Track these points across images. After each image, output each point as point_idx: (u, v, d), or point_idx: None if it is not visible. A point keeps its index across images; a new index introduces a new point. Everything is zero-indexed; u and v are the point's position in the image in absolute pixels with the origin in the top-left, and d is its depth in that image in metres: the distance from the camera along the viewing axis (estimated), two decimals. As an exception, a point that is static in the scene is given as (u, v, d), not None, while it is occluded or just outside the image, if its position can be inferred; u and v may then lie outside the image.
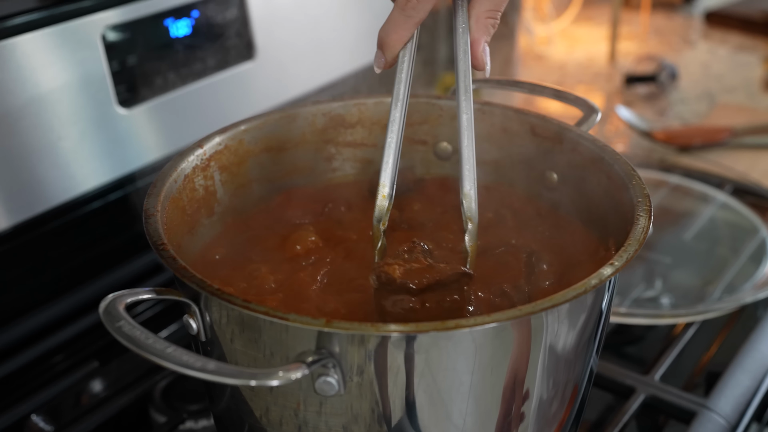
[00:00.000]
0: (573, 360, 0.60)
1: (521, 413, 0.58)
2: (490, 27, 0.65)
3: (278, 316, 0.49)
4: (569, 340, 0.58)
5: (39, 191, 0.91)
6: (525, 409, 0.58)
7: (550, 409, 0.60)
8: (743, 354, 0.91)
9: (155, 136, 1.02)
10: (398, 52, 0.65)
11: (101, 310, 0.51)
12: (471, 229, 0.64)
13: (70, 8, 0.91)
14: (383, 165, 0.66)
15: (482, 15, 0.65)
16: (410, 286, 0.58)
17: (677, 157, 1.38)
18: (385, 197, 0.66)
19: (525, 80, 0.82)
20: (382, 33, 0.65)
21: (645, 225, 0.59)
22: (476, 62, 0.66)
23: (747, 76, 1.76)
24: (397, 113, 0.66)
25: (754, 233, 1.13)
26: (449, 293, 0.59)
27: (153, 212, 0.61)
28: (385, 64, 0.66)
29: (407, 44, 0.65)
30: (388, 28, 0.64)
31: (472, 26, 0.65)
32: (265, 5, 1.12)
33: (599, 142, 0.71)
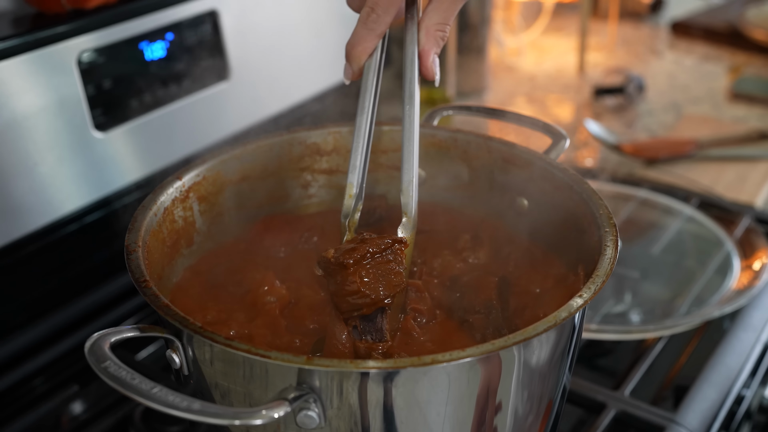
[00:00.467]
0: (546, 383, 0.62)
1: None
2: (440, 39, 0.69)
3: (260, 354, 0.51)
4: (542, 367, 0.60)
5: (16, 217, 0.92)
6: (500, 430, 0.60)
7: (525, 426, 0.62)
8: (710, 368, 0.94)
9: (131, 158, 1.03)
10: (363, 63, 0.69)
11: (86, 350, 0.52)
12: (405, 222, 0.68)
13: (46, 34, 0.92)
14: (350, 167, 0.71)
15: (431, 27, 0.68)
16: (344, 261, 0.60)
17: (645, 170, 1.41)
18: (351, 197, 0.71)
19: (494, 106, 0.84)
20: (348, 46, 0.69)
21: (612, 256, 0.61)
22: (425, 71, 0.69)
23: (712, 87, 1.80)
24: (362, 120, 0.71)
25: (720, 246, 1.16)
26: (385, 261, 0.62)
27: (134, 248, 0.62)
28: (353, 75, 0.70)
29: (372, 55, 0.70)
30: (353, 41, 0.69)
31: (422, 38, 0.69)
32: (239, 27, 1.13)
33: (568, 171, 0.74)
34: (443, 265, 0.74)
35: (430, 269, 0.74)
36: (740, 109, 1.68)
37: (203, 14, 1.08)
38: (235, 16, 1.13)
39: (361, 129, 0.71)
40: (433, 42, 0.69)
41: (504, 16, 2.00)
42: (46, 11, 0.96)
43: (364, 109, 0.71)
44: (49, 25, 0.93)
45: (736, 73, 1.85)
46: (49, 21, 0.94)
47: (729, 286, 1.07)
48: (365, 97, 0.71)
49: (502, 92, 1.79)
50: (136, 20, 1.01)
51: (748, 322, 1.02)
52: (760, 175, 1.39)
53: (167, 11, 1.04)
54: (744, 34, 1.98)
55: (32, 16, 0.97)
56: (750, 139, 1.50)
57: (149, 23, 1.02)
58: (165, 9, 1.04)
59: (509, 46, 2.00)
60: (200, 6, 1.08)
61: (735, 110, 1.68)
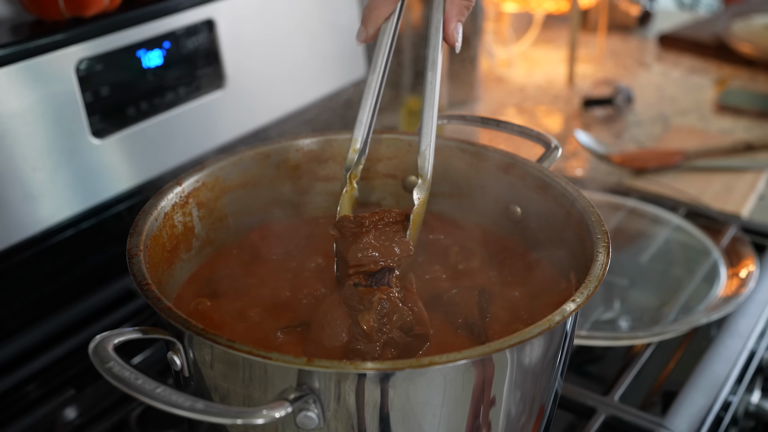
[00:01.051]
0: (539, 386, 0.63)
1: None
2: (464, 8, 0.72)
3: (261, 355, 0.52)
4: (535, 371, 0.61)
5: (13, 222, 0.92)
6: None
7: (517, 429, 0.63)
8: (697, 373, 0.95)
9: (128, 165, 1.04)
10: (379, 26, 0.73)
11: (90, 351, 0.53)
12: (420, 184, 0.72)
13: (44, 42, 0.93)
14: (356, 123, 0.75)
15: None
16: (362, 220, 0.66)
17: (633, 180, 1.43)
18: (355, 151, 0.75)
19: (487, 116, 0.85)
20: (365, 10, 0.73)
21: (604, 261, 0.63)
22: (447, 37, 0.73)
23: (699, 99, 1.82)
24: (373, 78, 0.75)
25: (707, 255, 1.18)
26: (396, 231, 0.68)
27: (136, 252, 0.63)
28: (366, 37, 0.74)
29: (388, 19, 0.73)
30: (370, 5, 0.73)
31: (447, 6, 0.72)
32: (235, 35, 1.15)
33: (560, 179, 0.75)
34: (430, 281, 0.76)
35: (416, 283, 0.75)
36: (727, 121, 1.71)
37: (200, 23, 1.10)
38: (231, 26, 1.14)
39: (371, 87, 0.75)
40: (457, 10, 0.72)
41: (495, 27, 2.03)
42: (45, 19, 0.97)
43: (376, 68, 0.75)
44: (48, 33, 0.94)
45: (723, 85, 1.88)
46: (48, 28, 0.95)
47: (716, 294, 1.09)
48: (378, 58, 0.74)
49: (493, 103, 1.81)
50: (134, 29, 1.02)
51: (735, 330, 1.03)
52: (746, 185, 1.41)
53: (164, 20, 1.05)
54: (730, 47, 2.01)
55: (31, 24, 0.98)
56: (736, 151, 1.52)
57: (147, 32, 1.03)
58: (162, 18, 1.05)
59: (500, 58, 2.02)
60: (197, 15, 1.09)
61: (721, 122, 1.70)
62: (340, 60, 1.34)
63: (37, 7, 0.96)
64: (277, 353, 0.52)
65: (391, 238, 0.67)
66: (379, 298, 0.64)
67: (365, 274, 0.65)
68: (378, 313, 0.64)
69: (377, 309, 0.64)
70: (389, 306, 0.64)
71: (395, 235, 0.67)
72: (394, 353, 0.63)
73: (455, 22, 0.72)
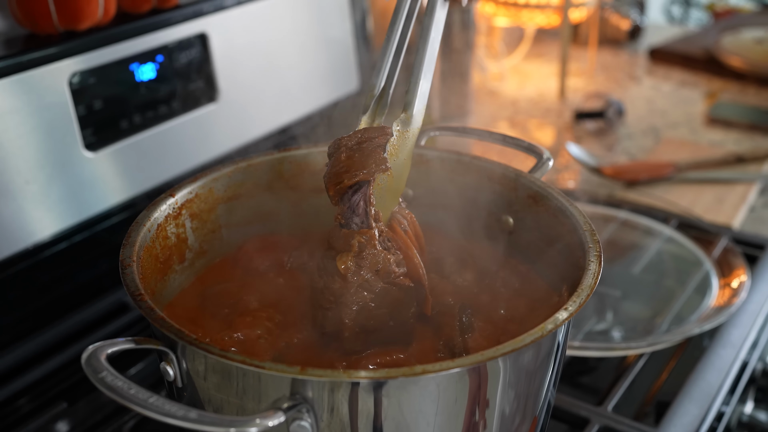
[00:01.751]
0: (532, 396, 0.63)
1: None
2: None
3: (255, 364, 0.52)
4: (528, 380, 0.61)
5: (6, 235, 0.92)
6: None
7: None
8: (690, 383, 0.96)
9: (121, 178, 1.04)
10: None
11: (83, 361, 0.53)
12: (402, 118, 0.73)
13: (38, 55, 0.94)
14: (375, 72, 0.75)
15: None
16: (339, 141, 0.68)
17: (625, 192, 1.43)
18: (372, 96, 0.75)
19: (479, 127, 0.86)
20: None
21: (596, 271, 0.63)
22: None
23: (689, 112, 1.83)
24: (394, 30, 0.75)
25: (699, 266, 1.18)
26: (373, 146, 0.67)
27: (129, 263, 0.63)
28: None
29: None
30: None
31: None
32: (228, 49, 1.15)
33: (552, 190, 0.76)
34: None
35: None
36: (717, 134, 1.72)
37: (193, 37, 1.10)
38: (224, 39, 1.14)
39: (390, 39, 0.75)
40: None
41: (487, 41, 2.04)
42: (39, 32, 0.97)
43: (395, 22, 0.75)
44: (41, 47, 0.95)
45: (713, 98, 1.89)
46: (41, 42, 0.96)
47: (708, 304, 1.09)
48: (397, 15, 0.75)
49: (485, 116, 1.82)
50: (127, 42, 1.02)
51: (727, 340, 1.04)
52: (737, 197, 1.42)
53: (158, 34, 1.06)
54: (720, 60, 2.03)
55: (24, 37, 0.98)
56: (727, 163, 1.53)
57: (140, 45, 1.04)
58: (155, 31, 1.05)
59: (492, 71, 2.03)
60: (190, 29, 1.10)
61: (712, 134, 1.71)
62: (333, 73, 1.35)
63: (30, 20, 0.96)
64: (270, 362, 0.52)
65: (366, 154, 0.66)
66: (358, 240, 0.64)
67: (339, 195, 0.65)
68: (357, 255, 0.64)
69: (356, 251, 0.64)
70: (368, 248, 0.64)
71: (370, 150, 0.66)
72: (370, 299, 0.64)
73: None
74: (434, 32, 0.73)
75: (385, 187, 0.70)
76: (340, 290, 0.64)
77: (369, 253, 0.65)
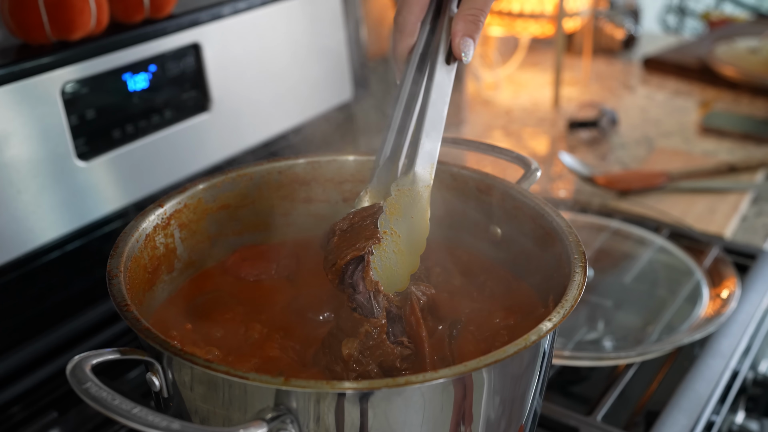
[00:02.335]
0: (517, 406, 0.63)
1: (469, 460, 0.61)
2: (470, 23, 0.73)
3: (239, 375, 0.52)
4: (513, 389, 0.62)
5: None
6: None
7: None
8: (680, 393, 0.96)
9: (113, 187, 1.04)
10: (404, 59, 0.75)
11: (68, 372, 0.53)
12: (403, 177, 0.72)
13: (30, 65, 0.94)
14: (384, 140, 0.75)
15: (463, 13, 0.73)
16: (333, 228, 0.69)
17: (617, 202, 1.44)
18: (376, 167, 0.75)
19: (469, 138, 0.86)
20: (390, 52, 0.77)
21: (580, 281, 0.63)
22: (454, 49, 0.73)
23: (683, 121, 1.84)
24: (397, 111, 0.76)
25: (690, 276, 1.19)
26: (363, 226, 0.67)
27: (116, 273, 0.63)
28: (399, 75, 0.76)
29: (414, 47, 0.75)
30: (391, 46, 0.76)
31: (454, 21, 0.73)
32: (221, 59, 1.16)
33: (538, 200, 0.76)
34: None
35: None
36: (710, 143, 1.72)
37: (186, 47, 1.11)
38: (217, 49, 1.15)
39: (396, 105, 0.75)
40: (463, 24, 0.72)
41: (481, 51, 2.05)
42: (31, 42, 0.98)
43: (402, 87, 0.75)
44: (34, 56, 0.95)
45: (706, 108, 1.90)
46: (34, 52, 0.96)
47: (698, 314, 1.10)
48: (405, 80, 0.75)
49: (480, 125, 1.82)
50: (120, 52, 1.03)
51: (717, 349, 1.04)
52: (728, 206, 1.42)
53: (150, 44, 1.06)
54: (714, 70, 2.03)
55: (17, 47, 0.98)
56: (719, 172, 1.53)
57: (132, 55, 1.04)
58: (148, 41, 1.06)
59: (486, 81, 2.04)
60: (183, 39, 1.10)
61: (705, 144, 1.72)
62: (327, 83, 1.36)
63: (23, 30, 0.96)
64: (255, 373, 0.53)
65: (356, 232, 0.66)
66: (366, 330, 0.64)
67: (338, 278, 0.65)
68: (362, 344, 0.64)
69: (362, 340, 0.64)
70: (375, 339, 0.64)
71: (360, 229, 0.66)
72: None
73: (460, 34, 0.72)
74: (435, 94, 0.73)
75: (397, 251, 0.69)
76: (341, 373, 0.64)
77: (376, 343, 0.64)
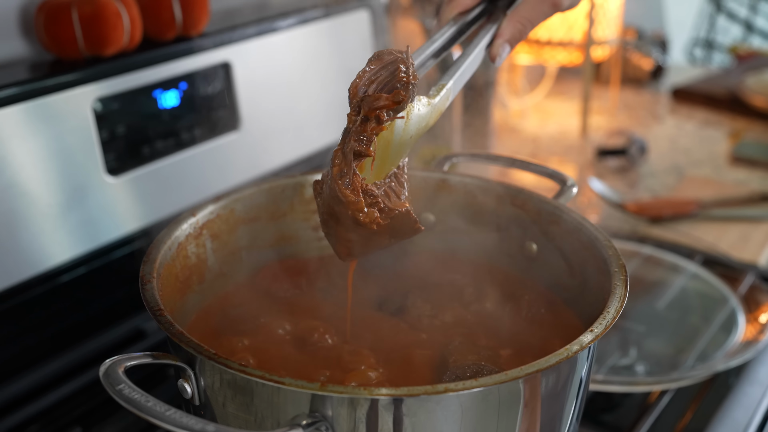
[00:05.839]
0: (556, 422, 0.61)
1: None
2: (516, 31, 0.73)
3: (274, 380, 0.51)
4: (552, 404, 0.60)
5: (25, 257, 0.92)
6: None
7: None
8: (717, 422, 0.93)
9: (141, 203, 1.04)
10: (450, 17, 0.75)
11: (101, 374, 0.52)
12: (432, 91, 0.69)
13: (63, 80, 0.94)
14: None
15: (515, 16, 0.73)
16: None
17: (648, 229, 1.42)
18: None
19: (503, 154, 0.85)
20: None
21: (622, 294, 0.62)
22: (492, 50, 0.73)
23: (713, 150, 1.82)
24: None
25: (724, 303, 1.16)
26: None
27: (149, 279, 0.62)
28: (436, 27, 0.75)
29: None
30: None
31: (503, 23, 0.73)
32: (250, 78, 1.16)
33: (576, 215, 0.75)
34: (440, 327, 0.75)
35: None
36: (741, 173, 1.70)
37: (216, 66, 1.11)
38: (247, 69, 1.15)
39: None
40: (510, 30, 0.72)
41: (508, 79, 2.04)
42: (64, 57, 0.98)
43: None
44: (67, 71, 0.95)
45: (737, 137, 1.88)
46: (67, 67, 0.97)
47: (734, 341, 1.07)
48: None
49: (506, 152, 1.81)
50: (151, 69, 1.03)
51: (755, 377, 1.01)
52: (762, 235, 1.40)
53: (182, 61, 1.06)
54: (744, 100, 2.02)
55: (50, 63, 0.99)
56: (752, 201, 1.51)
57: (164, 72, 1.05)
58: (180, 59, 1.06)
59: (513, 109, 2.04)
60: (214, 58, 1.10)
61: (736, 173, 1.70)
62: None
63: (57, 45, 0.97)
64: (290, 378, 0.51)
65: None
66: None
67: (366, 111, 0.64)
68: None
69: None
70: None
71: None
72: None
73: (503, 39, 0.72)
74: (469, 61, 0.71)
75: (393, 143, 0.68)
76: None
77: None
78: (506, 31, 0.72)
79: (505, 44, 0.72)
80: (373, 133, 0.62)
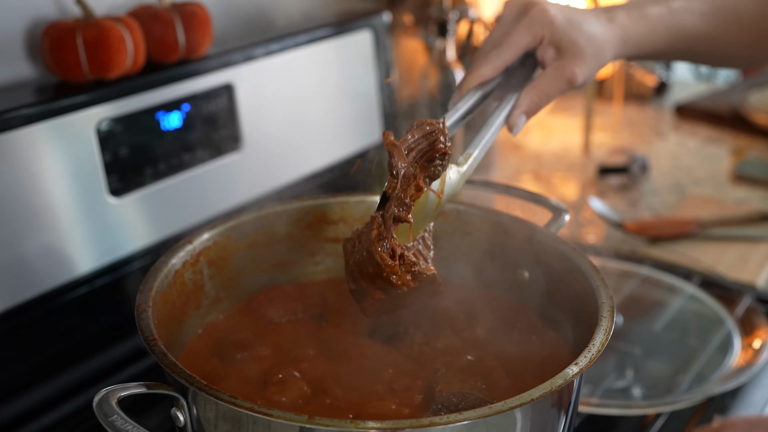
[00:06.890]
0: (542, 454, 0.62)
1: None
2: (533, 105, 0.78)
3: (263, 412, 0.52)
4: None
5: (29, 277, 0.94)
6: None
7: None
8: (711, 445, 0.94)
9: (144, 224, 1.05)
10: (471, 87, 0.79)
11: (95, 405, 0.53)
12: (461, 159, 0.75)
13: (67, 103, 0.96)
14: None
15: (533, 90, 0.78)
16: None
17: (648, 248, 1.42)
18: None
19: (500, 182, 0.86)
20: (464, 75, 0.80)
21: (608, 326, 0.63)
22: (510, 120, 0.78)
23: (715, 168, 1.83)
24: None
25: (721, 325, 1.17)
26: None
27: (145, 308, 0.64)
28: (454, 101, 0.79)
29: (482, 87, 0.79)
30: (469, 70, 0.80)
31: (522, 95, 0.78)
32: (253, 100, 1.17)
33: (567, 244, 0.76)
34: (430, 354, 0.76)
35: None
36: (743, 191, 1.71)
37: (219, 87, 1.13)
38: (250, 90, 1.17)
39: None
40: (528, 102, 0.77)
41: (511, 95, 2.05)
42: (69, 81, 1.00)
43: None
44: (71, 94, 0.97)
45: (739, 155, 1.88)
46: (71, 90, 0.98)
47: (730, 364, 1.08)
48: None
49: (509, 169, 1.83)
50: (155, 91, 1.04)
51: (749, 400, 1.02)
52: (761, 255, 1.40)
53: (184, 83, 1.08)
54: (746, 118, 2.02)
55: (55, 86, 1.01)
56: (752, 220, 1.52)
57: (167, 94, 1.06)
58: (182, 81, 1.08)
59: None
60: (217, 79, 1.12)
61: (737, 192, 1.71)
62: (357, 124, 1.37)
63: (61, 69, 0.99)
64: (279, 410, 0.52)
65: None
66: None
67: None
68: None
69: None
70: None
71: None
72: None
73: (520, 111, 0.77)
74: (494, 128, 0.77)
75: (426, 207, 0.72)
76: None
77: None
78: (524, 103, 0.77)
79: (522, 115, 0.77)
80: (413, 199, 0.66)
